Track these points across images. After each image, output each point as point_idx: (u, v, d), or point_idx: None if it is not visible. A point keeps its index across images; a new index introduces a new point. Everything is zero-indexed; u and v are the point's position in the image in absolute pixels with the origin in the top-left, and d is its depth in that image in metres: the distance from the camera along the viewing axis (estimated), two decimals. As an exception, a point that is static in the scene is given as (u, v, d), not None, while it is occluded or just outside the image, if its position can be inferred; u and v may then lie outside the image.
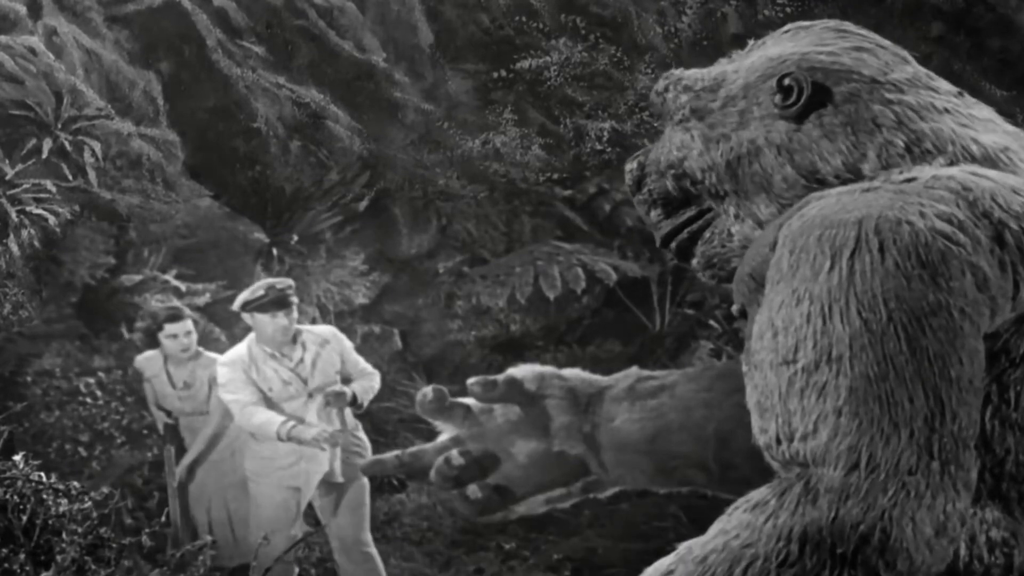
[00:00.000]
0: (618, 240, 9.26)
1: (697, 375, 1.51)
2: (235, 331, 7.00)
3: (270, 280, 5.30)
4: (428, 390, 1.54)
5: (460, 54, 10.14)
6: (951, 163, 1.29)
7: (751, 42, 1.50)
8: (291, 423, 4.93)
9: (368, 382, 5.22)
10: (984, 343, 1.15)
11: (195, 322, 5.87)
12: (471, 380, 1.52)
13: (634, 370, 1.55)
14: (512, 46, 10.10)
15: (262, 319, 5.01)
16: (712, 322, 8.75)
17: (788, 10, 9.33)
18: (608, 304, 9.08)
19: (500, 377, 1.53)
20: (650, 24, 10.27)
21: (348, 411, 5.19)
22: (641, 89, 9.68)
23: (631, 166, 1.54)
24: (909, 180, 1.24)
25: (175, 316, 5.62)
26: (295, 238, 8.08)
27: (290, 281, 5.25)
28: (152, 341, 5.71)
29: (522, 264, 8.78)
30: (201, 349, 5.67)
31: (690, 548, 1.16)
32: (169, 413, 5.64)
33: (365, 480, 5.23)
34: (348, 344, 5.31)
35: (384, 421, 7.13)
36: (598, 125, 9.52)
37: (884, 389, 1.09)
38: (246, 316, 5.10)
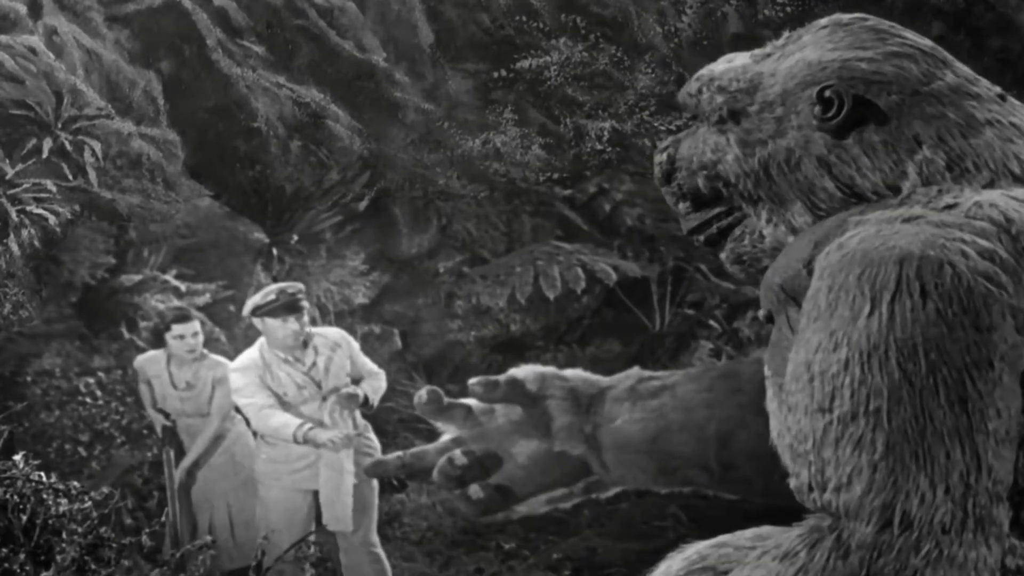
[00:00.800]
0: (618, 240, 9.26)
1: (698, 375, 1.51)
2: (235, 331, 7.01)
3: (280, 284, 5.28)
4: (423, 392, 1.54)
5: (460, 54, 10.14)
6: (992, 182, 1.27)
7: (786, 34, 1.47)
8: (308, 426, 4.93)
9: (376, 382, 5.24)
10: None
11: (202, 323, 5.86)
12: (472, 380, 1.52)
13: (635, 370, 1.55)
14: (512, 46, 10.10)
15: (273, 324, 5.00)
16: (712, 322, 8.76)
17: (788, 9, 9.32)
18: (608, 304, 9.07)
19: (501, 377, 1.53)
20: (650, 24, 10.26)
21: (357, 412, 5.20)
22: (641, 89, 9.68)
23: (660, 158, 1.52)
24: (950, 206, 1.22)
25: (183, 317, 5.60)
26: (295, 238, 8.08)
27: (300, 285, 5.24)
28: (158, 341, 5.70)
29: (522, 264, 8.78)
30: (206, 351, 5.65)
31: None
32: (167, 415, 5.62)
33: (374, 481, 5.23)
34: (356, 346, 5.32)
35: (384, 421, 7.12)
36: (598, 125, 9.51)
37: (922, 445, 1.08)
38: (256, 321, 5.08)
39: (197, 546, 4.05)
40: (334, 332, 5.43)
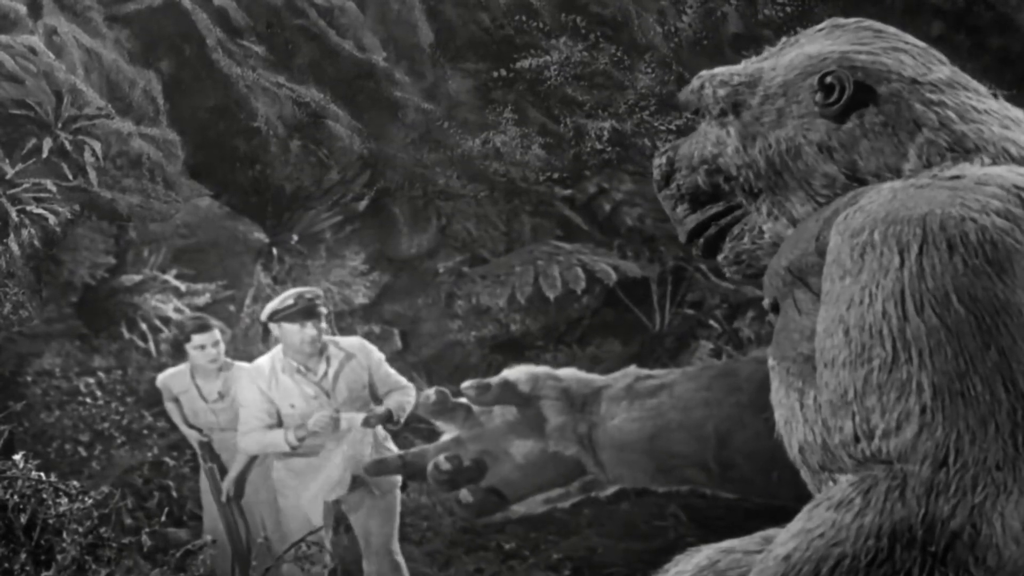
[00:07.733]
0: (618, 240, 9.26)
1: (696, 374, 1.51)
2: (236, 331, 7.01)
3: (299, 289, 5.22)
4: (431, 392, 1.55)
5: (460, 53, 10.13)
6: (993, 162, 1.29)
7: (783, 39, 1.49)
8: (291, 430, 4.92)
9: (402, 396, 5.13)
10: None
11: (222, 332, 5.73)
12: (465, 384, 1.53)
13: (632, 369, 1.55)
14: (512, 45, 10.09)
15: (290, 329, 4.94)
16: (712, 322, 8.76)
17: (788, 10, 9.31)
18: (608, 304, 9.07)
19: (493, 380, 1.54)
20: (650, 24, 10.26)
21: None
22: (641, 89, 9.67)
23: (659, 161, 1.53)
24: (956, 177, 1.24)
25: (203, 327, 5.45)
26: (295, 238, 8.08)
27: (319, 291, 5.19)
28: (178, 353, 5.57)
29: (522, 264, 8.78)
30: (229, 359, 5.50)
31: (769, 548, 1.15)
32: (201, 431, 5.48)
33: (398, 491, 5.21)
34: (378, 357, 5.20)
35: (384, 421, 7.12)
36: (598, 124, 9.51)
37: (966, 385, 1.09)
38: (273, 326, 5.04)
39: (198, 546, 4.06)
40: (352, 342, 5.32)
